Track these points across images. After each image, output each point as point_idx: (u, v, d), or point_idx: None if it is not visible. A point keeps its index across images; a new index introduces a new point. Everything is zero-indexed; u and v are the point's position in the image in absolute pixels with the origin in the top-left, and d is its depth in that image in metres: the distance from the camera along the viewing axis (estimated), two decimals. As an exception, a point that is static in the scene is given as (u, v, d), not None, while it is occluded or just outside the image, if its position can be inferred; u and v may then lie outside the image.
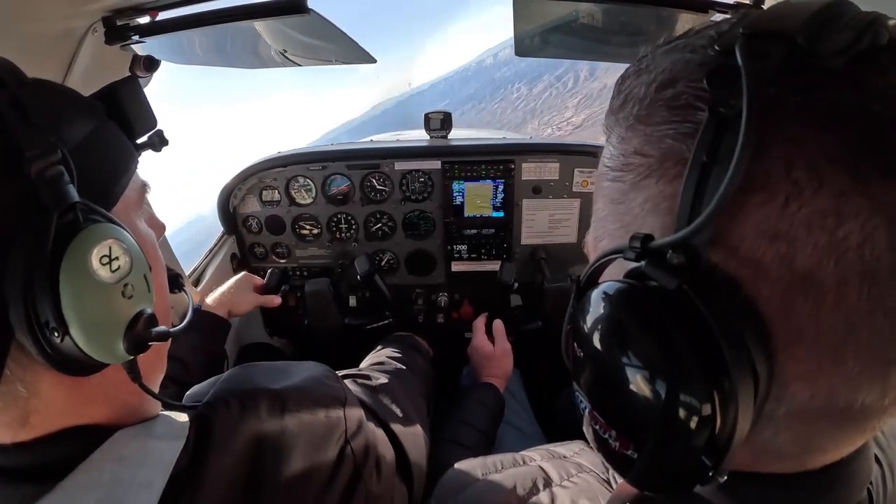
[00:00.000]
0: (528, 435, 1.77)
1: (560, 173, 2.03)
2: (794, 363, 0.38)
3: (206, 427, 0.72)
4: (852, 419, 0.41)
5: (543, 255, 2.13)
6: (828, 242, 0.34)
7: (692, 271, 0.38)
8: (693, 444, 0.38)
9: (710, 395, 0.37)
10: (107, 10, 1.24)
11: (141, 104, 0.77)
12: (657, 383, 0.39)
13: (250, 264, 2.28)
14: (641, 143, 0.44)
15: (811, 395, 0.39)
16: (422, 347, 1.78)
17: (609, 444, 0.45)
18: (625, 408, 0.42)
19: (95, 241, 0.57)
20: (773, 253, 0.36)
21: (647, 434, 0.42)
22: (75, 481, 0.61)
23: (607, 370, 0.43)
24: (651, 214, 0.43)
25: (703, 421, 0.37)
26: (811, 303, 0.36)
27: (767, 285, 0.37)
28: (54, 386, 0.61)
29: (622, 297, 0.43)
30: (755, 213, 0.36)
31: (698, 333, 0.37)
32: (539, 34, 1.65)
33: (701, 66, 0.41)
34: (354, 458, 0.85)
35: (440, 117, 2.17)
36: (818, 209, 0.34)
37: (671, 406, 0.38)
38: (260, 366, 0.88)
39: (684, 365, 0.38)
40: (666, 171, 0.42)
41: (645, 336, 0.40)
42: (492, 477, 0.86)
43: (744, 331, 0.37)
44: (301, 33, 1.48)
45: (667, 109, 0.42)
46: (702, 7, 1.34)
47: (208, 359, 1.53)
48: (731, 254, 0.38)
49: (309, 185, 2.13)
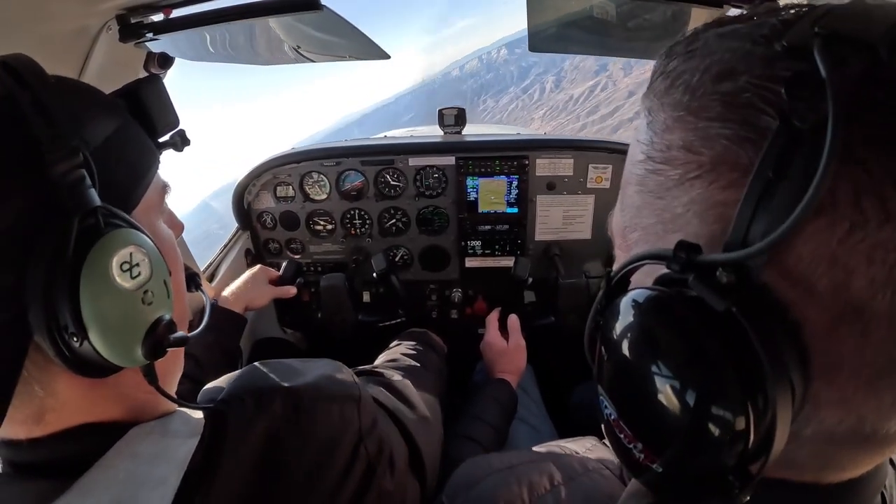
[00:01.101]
0: (540, 431, 1.77)
1: (574, 169, 2.01)
2: (830, 389, 0.37)
3: (221, 424, 0.72)
4: (876, 444, 0.40)
5: (557, 251, 2.12)
6: (887, 277, 0.33)
7: (742, 293, 0.36)
8: (723, 463, 0.37)
9: (747, 417, 0.35)
10: (121, 8, 1.25)
11: (164, 103, 0.77)
12: (693, 400, 0.37)
13: (265, 260, 2.29)
14: (690, 137, 0.42)
15: (840, 419, 0.39)
16: (436, 344, 1.77)
17: (633, 455, 0.44)
18: (656, 422, 0.41)
19: (116, 247, 0.57)
20: (829, 280, 0.35)
21: (677, 450, 0.40)
22: (91, 479, 0.61)
23: (640, 382, 0.41)
24: (697, 218, 0.41)
25: (736, 443, 0.36)
26: (858, 334, 0.35)
27: (816, 311, 0.36)
28: (71, 386, 0.61)
29: (662, 308, 0.41)
30: (816, 237, 0.35)
31: (741, 354, 0.36)
32: (552, 29, 1.64)
33: (765, 61, 0.38)
34: (368, 456, 0.85)
35: (454, 113, 2.17)
36: (882, 241, 0.33)
37: (706, 425, 0.37)
38: (274, 363, 0.88)
39: (725, 385, 0.36)
40: (719, 175, 0.39)
41: (685, 352, 0.38)
42: (503, 473, 0.85)
43: (787, 355, 0.36)
44: (315, 29, 1.48)
45: (723, 105, 0.39)
46: (717, 1, 1.32)
47: (223, 355, 1.55)
48: (784, 275, 0.36)
49: (323, 180, 2.14)
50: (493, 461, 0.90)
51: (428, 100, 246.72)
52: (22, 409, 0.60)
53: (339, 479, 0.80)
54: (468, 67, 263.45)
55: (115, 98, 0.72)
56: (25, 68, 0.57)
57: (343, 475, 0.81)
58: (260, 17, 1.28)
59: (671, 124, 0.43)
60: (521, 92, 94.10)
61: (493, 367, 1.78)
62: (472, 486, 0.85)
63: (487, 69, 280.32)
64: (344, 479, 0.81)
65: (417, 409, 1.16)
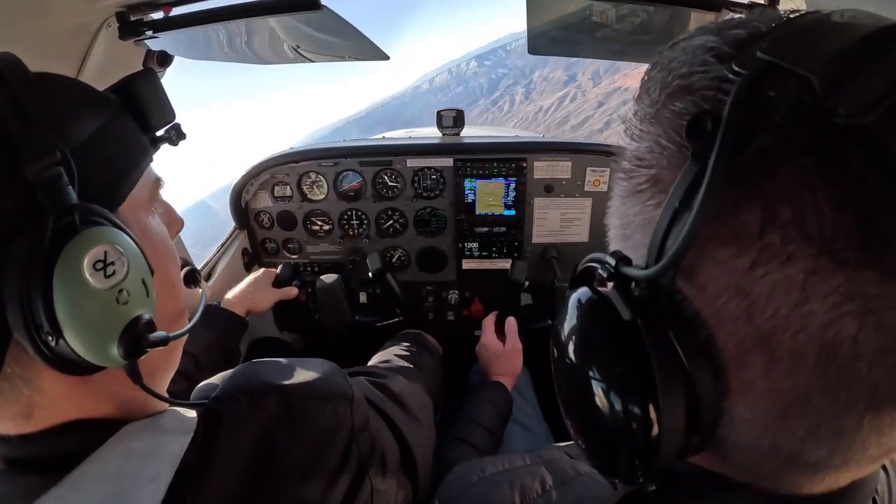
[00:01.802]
0: (535, 434, 1.77)
1: (572, 172, 2.01)
2: (743, 407, 0.39)
3: (215, 422, 0.72)
4: (799, 468, 0.41)
5: (555, 254, 2.12)
6: (789, 313, 0.33)
7: (651, 306, 0.40)
8: (623, 450, 0.43)
9: (637, 413, 0.40)
10: (120, 6, 1.25)
11: (158, 97, 0.77)
12: (600, 390, 0.43)
13: (261, 260, 2.29)
14: (646, 150, 0.43)
15: (756, 437, 0.40)
16: (431, 345, 1.77)
17: (568, 430, 0.52)
18: (575, 404, 0.48)
19: (90, 245, 0.57)
20: (734, 306, 0.36)
21: (588, 433, 0.48)
22: (83, 473, 0.61)
23: (566, 367, 0.48)
24: (639, 230, 0.44)
25: (629, 433, 0.41)
26: (765, 361, 0.36)
27: (725, 333, 0.37)
28: (57, 383, 0.61)
29: (585, 306, 0.47)
30: (723, 264, 0.36)
31: (643, 358, 0.39)
32: (552, 32, 1.64)
33: (714, 82, 0.37)
34: (360, 455, 0.85)
35: (452, 115, 2.17)
36: (785, 279, 0.33)
37: (606, 414, 0.42)
38: (268, 362, 0.88)
39: (621, 382, 0.41)
40: (655, 193, 0.41)
41: (596, 347, 0.44)
42: (496, 476, 0.85)
43: (688, 365, 0.38)
44: (314, 29, 1.48)
45: (673, 123, 0.40)
46: (715, 6, 1.33)
47: (222, 356, 1.55)
48: (699, 293, 0.38)
49: (321, 181, 2.14)
50: (485, 465, 0.90)
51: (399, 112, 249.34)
52: (9, 406, 0.60)
53: (331, 478, 0.80)
54: (438, 81, 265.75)
55: (104, 93, 0.71)
56: (6, 66, 0.57)
57: (335, 473, 0.81)
58: (259, 16, 1.28)
59: (637, 134, 0.45)
60: (491, 104, 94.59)
61: (489, 369, 1.78)
62: (465, 490, 0.85)
63: (457, 82, 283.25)
64: (336, 477, 0.81)
65: (410, 410, 1.16)
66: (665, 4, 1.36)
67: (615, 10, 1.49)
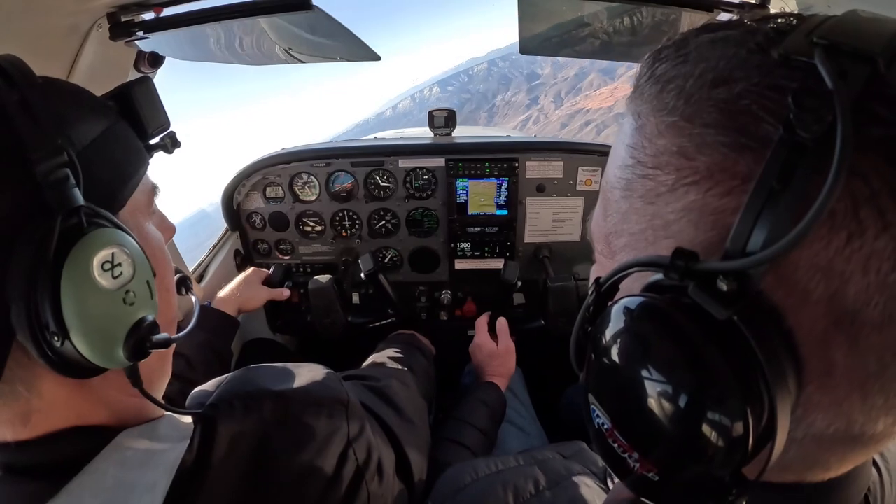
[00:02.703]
0: (529, 434, 1.77)
1: (564, 172, 2.02)
2: (822, 394, 0.38)
3: (211, 428, 0.72)
4: (863, 444, 0.41)
5: (547, 253, 2.13)
6: (880, 285, 0.34)
7: (742, 301, 0.36)
8: (722, 470, 0.37)
9: (747, 424, 0.35)
10: (111, 6, 1.24)
11: (154, 104, 0.77)
12: (694, 408, 0.37)
13: (254, 261, 2.28)
14: (685, 143, 0.41)
15: (829, 423, 0.39)
16: (424, 347, 1.77)
17: (627, 464, 0.43)
18: (654, 431, 0.40)
19: (98, 246, 0.57)
20: (824, 288, 0.35)
21: (676, 458, 0.40)
22: (79, 485, 0.61)
23: (637, 391, 0.40)
24: (691, 226, 0.40)
25: (736, 450, 0.36)
26: (850, 340, 0.35)
27: (811, 318, 0.36)
28: (56, 387, 0.61)
29: (659, 316, 0.40)
30: (814, 246, 0.34)
31: (742, 362, 0.36)
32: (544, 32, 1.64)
33: (762, 69, 0.37)
34: (357, 461, 0.85)
35: (444, 115, 2.17)
36: (878, 251, 0.33)
37: (707, 433, 0.36)
38: (263, 368, 0.88)
39: (726, 393, 0.36)
40: (716, 182, 0.38)
41: (685, 360, 0.38)
42: (489, 477, 0.86)
43: (784, 362, 0.36)
44: (305, 30, 1.48)
45: (719, 112, 0.39)
46: (707, 6, 1.33)
47: (214, 356, 1.54)
48: (781, 283, 0.36)
49: (313, 181, 2.13)
50: (478, 466, 0.90)
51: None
52: (7, 409, 0.60)
53: (327, 484, 0.80)
54: (401, 107, 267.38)
55: (104, 100, 0.72)
56: (14, 69, 0.57)
57: (331, 480, 0.81)
58: (251, 16, 1.28)
59: (663, 129, 0.42)
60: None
61: (482, 369, 1.78)
62: (458, 492, 0.85)
63: (420, 108, 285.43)
64: (332, 484, 0.81)
65: (404, 414, 1.16)
66: (657, 5, 1.37)
67: (607, 10, 1.49)
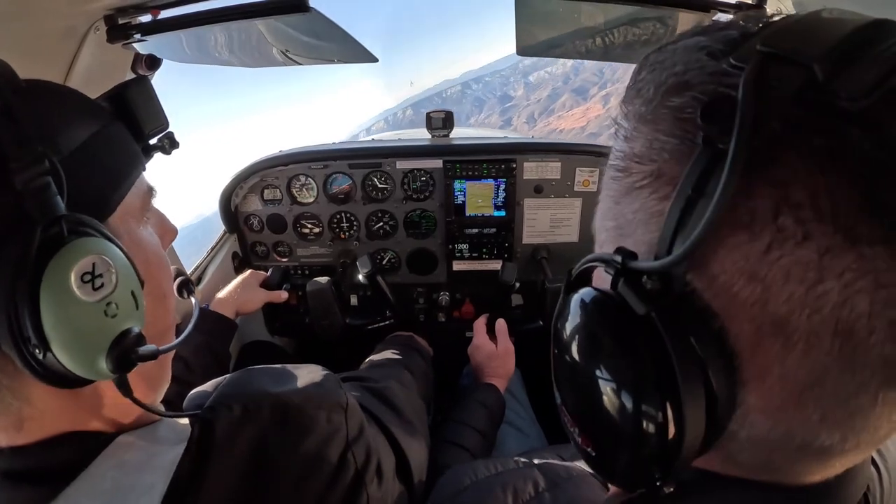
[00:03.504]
0: (528, 436, 1.77)
1: (562, 172, 2.02)
2: (757, 397, 0.39)
3: (209, 431, 0.72)
4: (811, 455, 0.42)
5: (545, 254, 2.13)
6: (804, 295, 0.34)
7: (664, 299, 0.39)
8: (642, 454, 0.41)
9: (655, 414, 0.39)
10: (108, 9, 1.24)
11: (151, 105, 0.76)
12: (615, 393, 0.42)
13: (252, 263, 2.28)
14: (644, 147, 0.43)
15: (769, 427, 0.40)
16: (422, 348, 1.77)
17: (574, 438, 0.49)
18: (586, 410, 0.46)
19: (78, 257, 0.55)
20: (749, 292, 0.36)
21: (604, 437, 0.46)
22: (77, 489, 0.61)
23: (574, 372, 0.47)
24: (641, 226, 0.43)
25: (648, 436, 0.40)
26: (779, 347, 0.36)
27: (740, 321, 0.37)
28: (47, 395, 0.60)
29: (593, 306, 0.45)
30: (736, 250, 0.36)
31: (656, 355, 0.38)
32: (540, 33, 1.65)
33: (713, 77, 0.39)
34: (356, 463, 0.85)
35: (442, 116, 2.17)
36: (800, 260, 0.34)
37: (622, 417, 0.41)
38: (262, 369, 0.87)
39: (639, 382, 0.40)
40: (658, 187, 0.41)
41: (609, 348, 0.43)
42: (488, 480, 0.86)
43: (704, 358, 0.38)
44: (302, 32, 1.48)
45: (672, 119, 0.41)
46: (704, 7, 1.34)
47: (212, 359, 1.54)
48: (710, 285, 0.38)
49: (311, 183, 2.13)
50: (478, 468, 0.90)
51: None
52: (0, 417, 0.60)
53: (326, 487, 0.80)
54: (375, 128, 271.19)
55: (96, 101, 0.71)
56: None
57: (331, 482, 0.81)
58: (248, 18, 1.28)
59: (631, 134, 0.45)
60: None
61: (481, 371, 1.78)
62: (457, 494, 0.85)
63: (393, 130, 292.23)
64: (331, 486, 0.81)
65: (403, 415, 1.16)
66: (654, 6, 1.37)
67: (604, 11, 1.49)
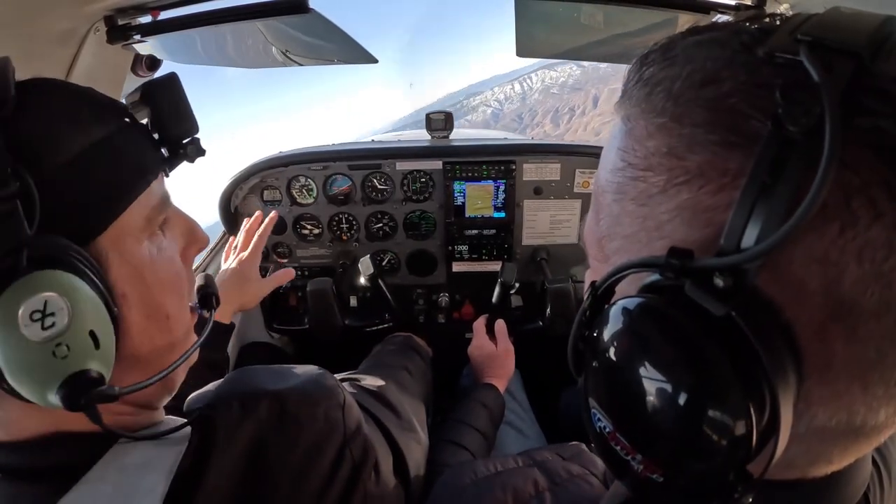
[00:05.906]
0: (528, 436, 1.77)
1: (561, 174, 2.02)
2: (822, 386, 0.38)
3: (209, 429, 0.72)
4: (865, 436, 0.41)
5: (545, 255, 2.13)
6: (875, 273, 0.34)
7: (739, 297, 0.35)
8: (727, 468, 0.37)
9: (749, 420, 0.35)
10: (108, 10, 1.24)
11: (179, 107, 0.72)
12: (697, 407, 0.37)
13: None
14: (675, 143, 0.41)
15: (831, 415, 0.39)
16: (421, 348, 1.77)
17: (631, 466, 0.42)
18: (658, 432, 0.39)
19: (28, 293, 0.53)
20: (819, 279, 0.35)
21: (681, 458, 0.39)
22: (79, 494, 0.60)
23: (639, 392, 0.40)
24: (684, 225, 0.40)
25: (740, 446, 0.36)
26: (848, 330, 0.35)
27: (808, 310, 0.36)
28: (19, 406, 0.59)
29: (657, 316, 0.40)
30: (807, 237, 0.34)
31: (742, 358, 0.35)
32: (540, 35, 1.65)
33: (749, 67, 0.38)
34: (353, 460, 0.85)
35: (441, 117, 2.17)
36: (871, 240, 0.33)
37: (711, 432, 0.36)
38: (260, 368, 0.87)
39: (728, 390, 0.35)
40: (708, 181, 0.39)
41: (686, 359, 0.37)
42: (488, 479, 0.86)
43: (783, 356, 0.36)
44: (303, 33, 1.48)
45: (707, 111, 0.39)
46: (703, 8, 1.34)
47: (209, 371, 1.42)
48: (776, 277, 0.36)
49: (310, 184, 2.13)
50: (477, 468, 0.90)
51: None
52: None
53: (324, 482, 0.80)
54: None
55: (113, 102, 0.67)
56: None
57: (329, 478, 0.80)
58: (248, 19, 1.28)
59: (653, 131, 0.43)
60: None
61: (481, 371, 1.78)
62: (457, 493, 0.85)
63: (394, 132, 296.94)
64: (329, 481, 0.80)
65: (402, 415, 1.16)
66: (654, 7, 1.37)
67: (603, 12, 1.50)
